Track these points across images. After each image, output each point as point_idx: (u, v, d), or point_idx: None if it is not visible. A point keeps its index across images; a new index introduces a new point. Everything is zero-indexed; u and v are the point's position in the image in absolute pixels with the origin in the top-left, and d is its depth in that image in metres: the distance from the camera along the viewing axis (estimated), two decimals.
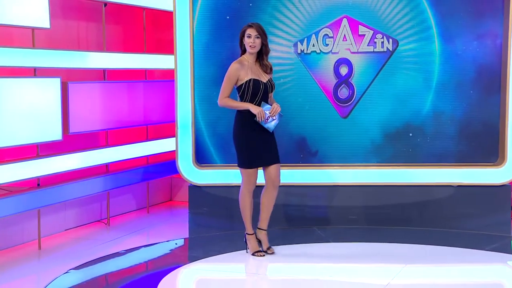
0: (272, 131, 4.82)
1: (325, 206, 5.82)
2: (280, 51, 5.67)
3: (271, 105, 4.75)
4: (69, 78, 5.69)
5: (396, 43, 5.61)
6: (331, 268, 4.64)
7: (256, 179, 4.85)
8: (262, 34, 4.74)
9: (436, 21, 5.56)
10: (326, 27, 5.65)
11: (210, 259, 4.88)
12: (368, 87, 5.67)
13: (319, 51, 5.68)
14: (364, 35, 5.62)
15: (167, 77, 6.67)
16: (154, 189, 7.05)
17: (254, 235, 4.90)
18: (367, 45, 5.62)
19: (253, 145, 4.76)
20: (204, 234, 5.66)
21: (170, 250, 5.35)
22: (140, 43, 6.73)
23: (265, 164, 4.83)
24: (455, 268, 4.67)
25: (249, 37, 4.73)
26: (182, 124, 5.77)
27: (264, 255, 4.81)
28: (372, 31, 5.61)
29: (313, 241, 5.28)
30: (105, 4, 6.08)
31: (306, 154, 5.77)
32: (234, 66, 4.76)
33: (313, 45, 5.67)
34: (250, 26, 4.74)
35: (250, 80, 4.71)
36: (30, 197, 5.20)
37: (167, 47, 6.52)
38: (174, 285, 4.44)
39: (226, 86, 4.78)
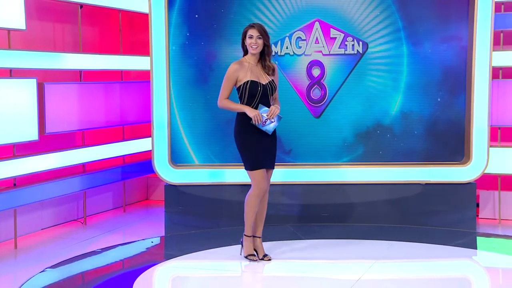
0: (275, 135, 4.69)
1: (298, 204, 5.93)
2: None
3: (269, 107, 4.61)
4: (45, 79, 5.72)
5: (366, 45, 5.75)
6: (304, 265, 4.72)
7: (266, 184, 4.67)
8: (264, 35, 4.59)
9: (404, 25, 5.72)
10: (299, 30, 5.78)
11: (186, 257, 4.94)
12: (340, 88, 5.81)
13: (292, 53, 5.79)
14: (336, 38, 5.76)
15: (143, 78, 6.73)
16: (130, 189, 7.10)
17: (251, 237, 4.78)
18: (338, 48, 5.76)
19: (256, 146, 4.64)
20: (180, 232, 5.73)
21: (146, 249, 5.41)
22: (116, 45, 6.78)
23: (263, 167, 4.68)
24: (423, 263, 4.79)
25: (250, 37, 4.59)
26: (158, 124, 5.84)
27: (257, 260, 4.73)
28: (343, 34, 5.75)
29: (286, 239, 5.36)
30: (81, 6, 6.12)
31: (280, 153, 5.87)
32: (232, 67, 4.64)
33: (287, 48, 5.79)
34: (251, 27, 4.60)
35: (248, 81, 4.58)
36: (6, 197, 5.22)
37: (143, 48, 6.59)
38: (150, 282, 4.50)
39: (225, 87, 4.65)
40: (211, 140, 5.88)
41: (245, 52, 4.70)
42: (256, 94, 4.60)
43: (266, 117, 4.58)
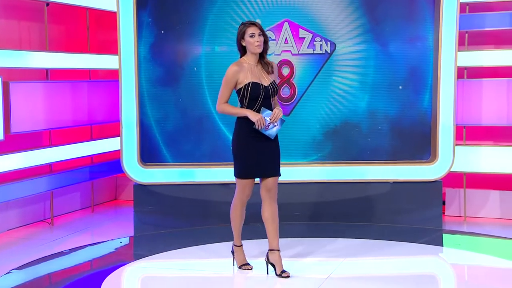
0: (277, 139, 4.42)
1: None
2: (226, 52, 5.78)
3: (271, 111, 4.31)
4: (10, 77, 5.63)
5: (333, 45, 5.81)
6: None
7: (251, 191, 4.44)
8: (264, 31, 4.32)
9: (372, 25, 5.79)
10: (268, 30, 5.81)
11: (155, 257, 4.93)
12: (308, 87, 5.86)
13: None
14: (304, 38, 5.81)
15: (112, 77, 6.68)
16: (98, 188, 7.04)
17: (241, 247, 4.59)
18: (307, 48, 5.80)
19: (252, 154, 4.34)
20: (149, 232, 5.71)
21: (115, 249, 5.38)
22: (84, 43, 6.72)
23: (263, 176, 4.40)
24: (391, 260, 4.86)
25: (252, 36, 4.27)
26: (127, 124, 5.80)
27: (252, 268, 4.53)
28: (312, 34, 5.79)
29: (256, 237, 5.38)
30: (47, 4, 6.05)
31: None
32: (232, 68, 4.32)
33: None
34: (252, 24, 4.30)
35: (249, 83, 4.27)
36: None
37: (111, 47, 6.54)
38: (119, 283, 4.48)
39: (224, 91, 4.33)
40: (182, 139, 5.87)
41: (243, 52, 4.39)
42: (258, 96, 4.29)
43: (269, 121, 4.28)
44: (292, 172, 5.85)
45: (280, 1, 5.76)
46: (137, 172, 5.84)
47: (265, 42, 4.33)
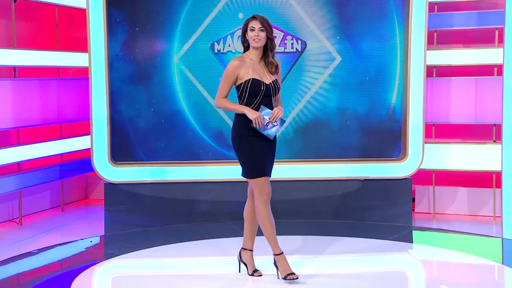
0: (275, 140, 4.25)
1: (239, 201, 5.94)
2: (198, 50, 5.78)
3: (271, 109, 4.14)
4: None
5: (304, 44, 5.84)
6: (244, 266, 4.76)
7: (270, 187, 4.21)
8: (267, 27, 4.12)
9: (341, 24, 5.83)
10: (240, 28, 5.78)
11: (126, 256, 4.90)
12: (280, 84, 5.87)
13: (234, 51, 5.82)
14: (275, 36, 5.76)
15: (82, 75, 6.61)
16: (68, 187, 6.97)
17: (283, 254, 4.22)
18: (279, 46, 5.82)
19: (259, 152, 4.17)
20: (120, 231, 5.67)
21: (85, 248, 5.33)
22: (53, 40, 6.63)
23: (267, 174, 4.23)
24: (362, 257, 4.89)
25: (252, 30, 4.11)
26: (97, 122, 5.75)
27: (297, 278, 4.18)
28: (283, 33, 5.82)
29: (227, 236, 5.39)
30: (15, 0, 5.95)
31: (222, 147, 5.90)
32: (233, 63, 4.15)
33: (229, 45, 5.82)
34: (253, 18, 4.14)
35: (249, 79, 4.10)
36: None
37: (81, 44, 6.47)
38: (89, 282, 4.43)
39: (223, 86, 4.17)
40: (154, 137, 5.85)
41: (246, 47, 4.22)
42: (258, 94, 4.12)
43: (268, 120, 4.10)
44: None
45: (252, 0, 5.76)
46: (107, 170, 5.80)
47: (270, 39, 4.14)
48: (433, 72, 6.38)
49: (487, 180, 6.38)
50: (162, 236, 5.40)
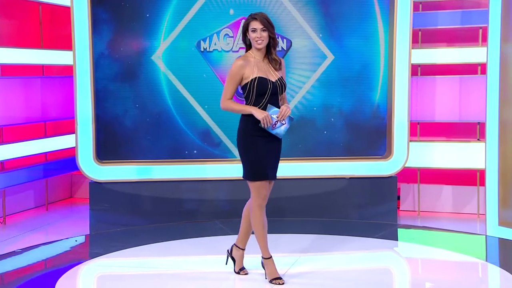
0: (280, 141, 4.18)
1: (226, 200, 5.96)
2: (184, 48, 5.77)
3: (279, 108, 4.05)
4: None
5: (289, 42, 5.85)
6: (231, 260, 4.76)
7: (268, 192, 4.16)
8: (269, 26, 4.03)
9: (327, 22, 5.85)
10: (226, 27, 5.81)
11: (111, 255, 4.88)
12: None
13: (220, 49, 5.82)
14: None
15: (67, 73, 6.57)
16: (53, 186, 6.92)
17: (271, 259, 4.22)
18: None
19: (263, 154, 4.08)
20: (105, 230, 5.65)
21: (70, 248, 5.30)
22: (37, 38, 6.58)
23: (269, 178, 4.17)
24: (347, 255, 4.92)
25: (254, 31, 4.02)
26: (82, 120, 5.72)
27: (284, 283, 4.17)
28: None
29: (214, 234, 5.39)
30: None
31: (209, 145, 5.90)
32: (237, 63, 4.06)
33: (215, 44, 5.81)
34: (254, 19, 4.04)
35: (255, 78, 4.01)
36: None
37: (66, 42, 6.42)
38: (74, 282, 4.41)
39: (229, 87, 4.07)
40: (140, 136, 5.83)
41: (248, 46, 4.14)
42: (265, 92, 4.02)
43: (276, 119, 4.01)
44: None
45: None
46: (92, 169, 5.77)
47: (273, 38, 4.06)
48: (418, 71, 6.41)
49: (471, 178, 6.43)
50: (148, 235, 5.39)
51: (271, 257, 4.22)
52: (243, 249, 4.38)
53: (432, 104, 6.43)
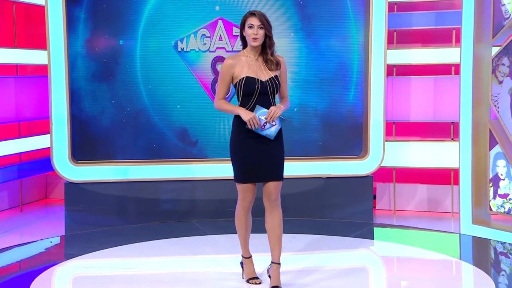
0: (280, 139, 4.07)
1: (203, 199, 5.96)
2: (161, 47, 5.77)
3: (268, 109, 3.92)
4: None
5: None
6: (209, 260, 4.76)
7: (253, 196, 4.12)
8: (266, 24, 3.91)
9: (303, 23, 5.89)
10: (203, 27, 5.82)
11: (87, 256, 4.85)
12: None
13: (197, 49, 5.83)
14: (238, 35, 5.80)
15: (42, 73, 6.50)
16: (28, 187, 6.84)
17: (250, 259, 4.22)
18: (240, 45, 5.79)
19: (249, 156, 3.98)
20: (80, 231, 5.60)
21: (45, 249, 5.25)
22: (11, 38, 6.50)
23: (262, 180, 4.07)
24: (324, 255, 4.95)
25: (251, 27, 3.90)
26: (57, 120, 5.67)
27: (260, 283, 4.13)
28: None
29: (191, 234, 5.38)
30: None
31: (186, 144, 5.89)
32: (226, 62, 3.96)
33: (192, 44, 5.81)
34: (252, 15, 3.92)
35: (243, 78, 3.90)
36: None
37: (40, 41, 6.36)
38: (49, 283, 4.37)
39: (220, 86, 3.99)
40: (116, 136, 5.80)
41: (245, 44, 4.03)
42: (253, 92, 3.90)
43: (265, 120, 3.89)
44: (224, 168, 5.84)
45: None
46: (68, 170, 5.72)
47: (269, 37, 3.94)
48: (393, 71, 6.48)
49: (445, 177, 6.51)
50: (125, 236, 5.36)
51: (250, 256, 4.24)
52: (277, 263, 4.16)
53: (407, 104, 6.50)
